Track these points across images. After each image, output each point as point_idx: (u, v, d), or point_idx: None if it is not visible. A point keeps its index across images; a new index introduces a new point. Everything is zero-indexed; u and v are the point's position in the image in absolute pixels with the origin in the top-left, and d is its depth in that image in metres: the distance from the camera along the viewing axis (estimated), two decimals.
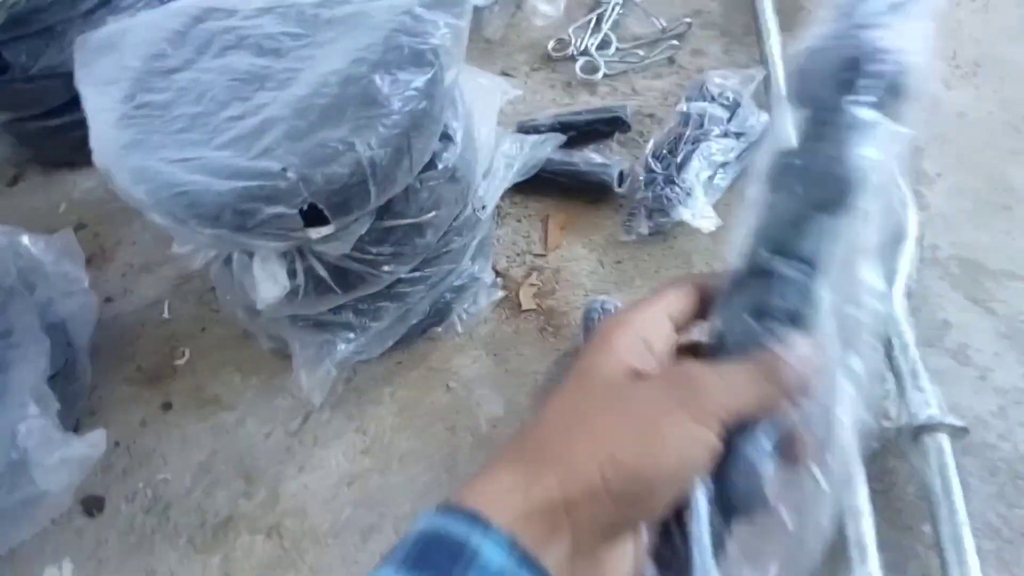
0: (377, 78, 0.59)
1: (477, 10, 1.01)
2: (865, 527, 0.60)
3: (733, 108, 0.85)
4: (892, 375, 0.66)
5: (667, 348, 0.33)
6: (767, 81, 0.87)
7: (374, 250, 0.65)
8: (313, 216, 0.59)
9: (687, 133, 0.84)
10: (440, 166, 0.67)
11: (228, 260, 0.68)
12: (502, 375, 0.77)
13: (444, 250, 0.73)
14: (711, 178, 0.82)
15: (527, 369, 0.77)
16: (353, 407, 0.78)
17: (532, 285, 0.82)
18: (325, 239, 0.61)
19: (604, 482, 0.29)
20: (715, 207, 0.81)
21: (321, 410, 0.78)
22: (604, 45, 0.99)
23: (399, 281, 0.71)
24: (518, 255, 0.85)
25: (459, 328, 0.80)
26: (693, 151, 0.82)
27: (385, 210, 0.64)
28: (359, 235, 0.63)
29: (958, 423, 0.62)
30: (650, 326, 0.33)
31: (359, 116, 0.59)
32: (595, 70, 0.97)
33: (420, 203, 0.66)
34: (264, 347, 0.80)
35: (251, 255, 0.64)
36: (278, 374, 0.80)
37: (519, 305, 0.81)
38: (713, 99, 0.86)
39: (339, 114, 0.59)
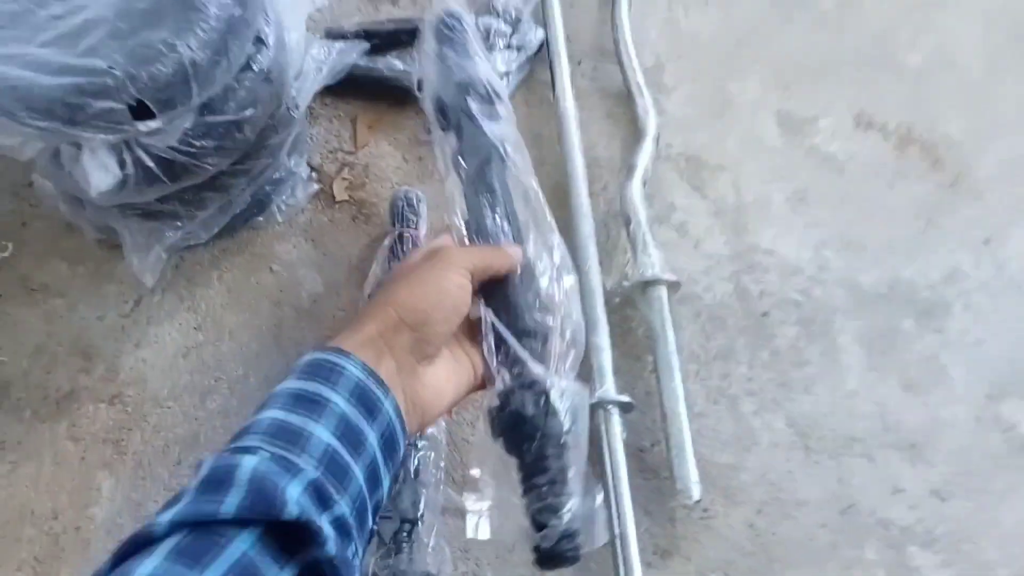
0: None
1: None
2: (605, 359, 0.80)
3: (515, 23, 0.99)
4: (629, 246, 0.85)
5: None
6: (543, 1, 1.01)
7: (198, 144, 0.73)
8: (141, 111, 0.67)
9: None
10: (255, 68, 0.75)
11: (56, 153, 0.73)
12: (320, 258, 0.88)
13: (262, 145, 0.82)
14: None
15: (342, 253, 0.89)
16: (183, 289, 0.86)
17: (344, 179, 0.93)
18: (153, 132, 0.69)
19: (399, 317, 0.47)
20: None
21: (152, 293, 0.85)
22: None
23: (222, 174, 0.79)
24: (331, 152, 0.95)
25: (279, 218, 0.90)
26: None
27: (207, 107, 0.72)
28: (183, 129, 0.71)
29: (674, 279, 0.83)
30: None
31: (179, 20, 0.66)
32: None
33: (238, 101, 0.74)
34: (90, 238, 0.86)
35: (79, 147, 0.70)
36: (106, 262, 0.86)
37: (333, 197, 0.92)
38: (499, 15, 0.99)
39: (160, 18, 0.66)
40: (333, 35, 0.98)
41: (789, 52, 1.02)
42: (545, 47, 0.99)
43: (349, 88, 0.95)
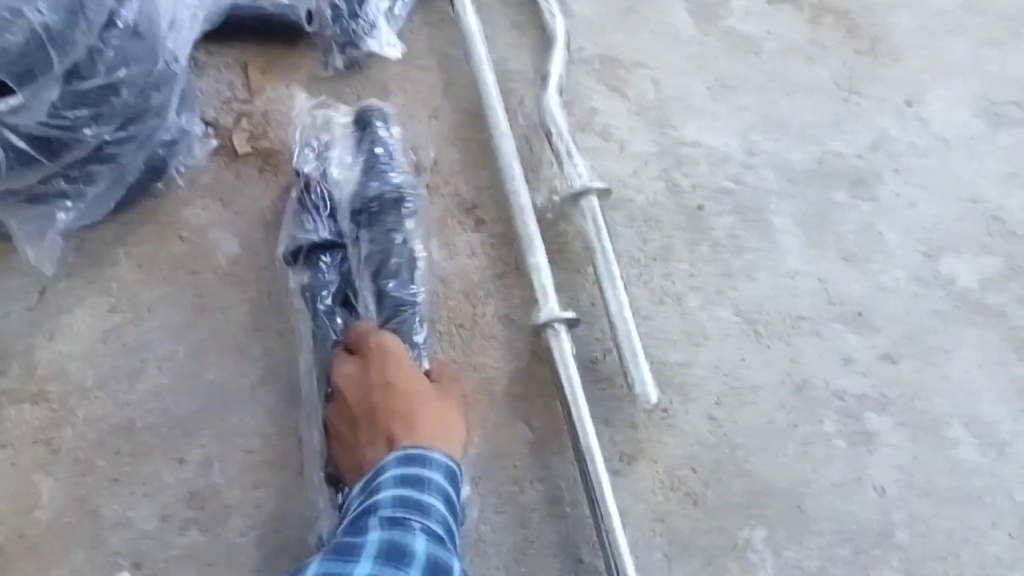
0: None
1: None
2: (545, 277, 0.77)
3: None
4: (554, 159, 0.82)
5: None
6: None
7: (71, 115, 0.67)
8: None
9: None
10: (120, 23, 0.68)
11: None
12: (232, 216, 0.83)
13: (145, 107, 0.75)
14: (391, 9, 0.90)
15: (255, 207, 0.84)
16: (90, 272, 0.81)
17: (244, 130, 0.87)
18: (15, 110, 0.62)
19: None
20: (399, 35, 0.90)
21: (57, 281, 0.79)
22: None
23: (105, 143, 0.73)
24: (224, 103, 0.89)
25: (180, 182, 0.84)
26: None
27: (72, 74, 0.65)
28: (51, 102, 0.64)
29: (603, 186, 0.80)
30: None
31: None
32: None
33: (107, 63, 0.68)
34: None
35: None
36: (0, 256, 0.80)
37: (235, 151, 0.86)
38: None
39: None
40: None
41: None
42: None
43: (233, 31, 0.88)
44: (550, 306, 0.76)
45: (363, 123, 0.79)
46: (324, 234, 0.74)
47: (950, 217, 0.84)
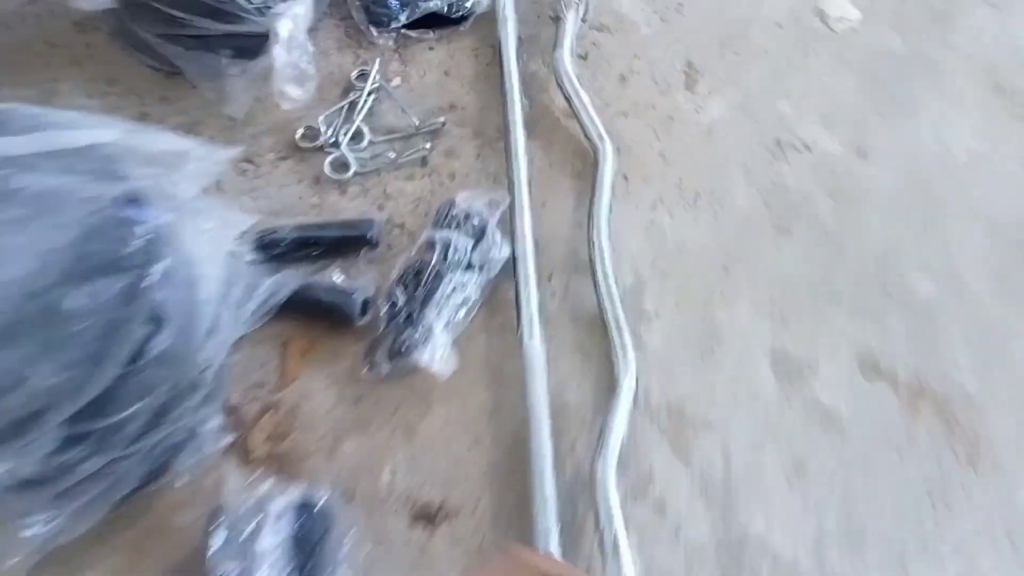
0: (64, 293, 0.52)
1: (219, 82, 0.92)
2: None
3: (478, 236, 0.86)
4: (598, 542, 0.72)
5: None
6: (512, 209, 0.88)
7: (63, 457, 0.59)
8: None
9: (432, 262, 0.83)
10: (150, 354, 0.60)
11: None
12: None
13: (160, 421, 0.67)
14: (452, 317, 0.82)
15: None
16: (61, 573, 0.71)
17: (264, 428, 0.79)
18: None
19: None
20: (455, 342, 0.82)
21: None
22: (356, 137, 0.94)
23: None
24: (251, 389, 0.80)
25: (178, 483, 0.75)
26: (436, 287, 0.82)
27: (78, 417, 0.58)
28: (44, 453, 0.56)
29: None
30: None
31: (38, 338, 0.51)
32: (345, 167, 0.92)
33: (122, 399, 0.60)
34: None
35: None
36: None
37: (247, 452, 0.77)
38: (459, 225, 0.86)
39: (13, 336, 0.51)
40: (265, 242, 0.84)
41: (785, 272, 0.91)
42: (512, 265, 0.86)
43: (280, 308, 0.81)
44: None
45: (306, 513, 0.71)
46: None
47: None
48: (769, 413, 0.83)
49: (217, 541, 0.67)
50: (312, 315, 0.83)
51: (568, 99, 0.94)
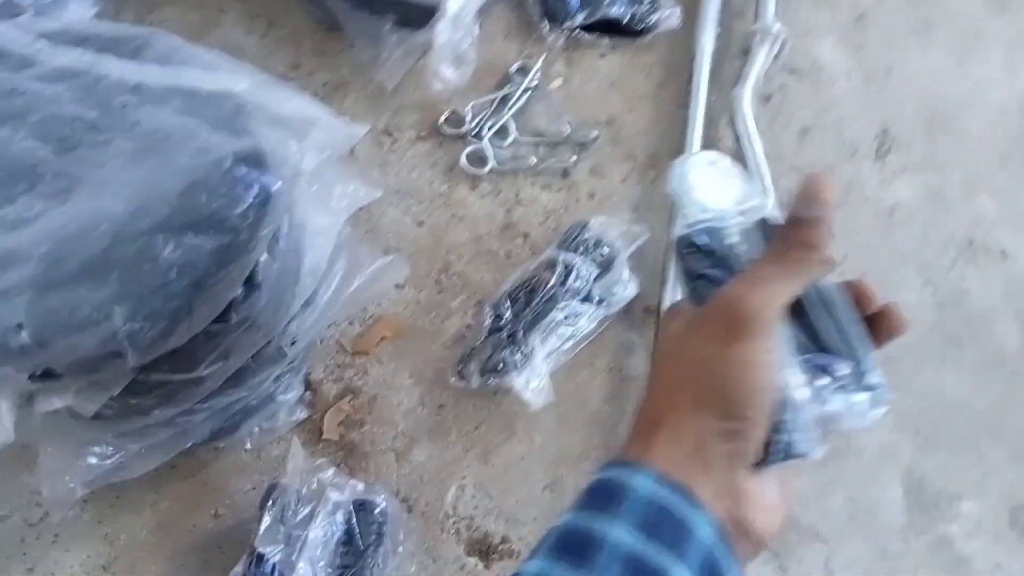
0: (160, 241, 0.49)
1: (377, 47, 0.89)
2: None
3: (605, 266, 0.79)
4: None
5: None
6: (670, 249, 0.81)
7: (134, 400, 0.57)
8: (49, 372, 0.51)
9: (551, 282, 0.77)
10: (235, 318, 0.57)
11: None
12: None
13: (234, 386, 0.64)
14: (557, 346, 0.76)
15: None
16: (107, 507, 0.70)
17: (342, 410, 0.75)
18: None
19: (709, 434, 0.35)
20: (554, 374, 0.76)
21: (68, 505, 0.69)
22: (502, 133, 0.89)
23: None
24: (337, 368, 0.77)
25: (247, 444, 0.73)
26: (548, 311, 0.75)
27: (151, 366, 0.55)
28: (111, 393, 0.54)
29: None
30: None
31: (126, 281, 0.49)
32: (483, 162, 0.87)
33: (200, 357, 0.57)
34: None
35: None
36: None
37: (321, 431, 0.74)
38: (587, 250, 0.79)
39: (103, 272, 0.49)
40: None
41: (944, 388, 0.78)
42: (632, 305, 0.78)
43: None
44: None
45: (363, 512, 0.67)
46: None
47: None
48: (888, 542, 0.71)
49: (267, 520, 0.64)
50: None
51: (739, 140, 0.85)
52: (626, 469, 0.35)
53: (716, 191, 0.43)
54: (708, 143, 0.87)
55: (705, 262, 0.42)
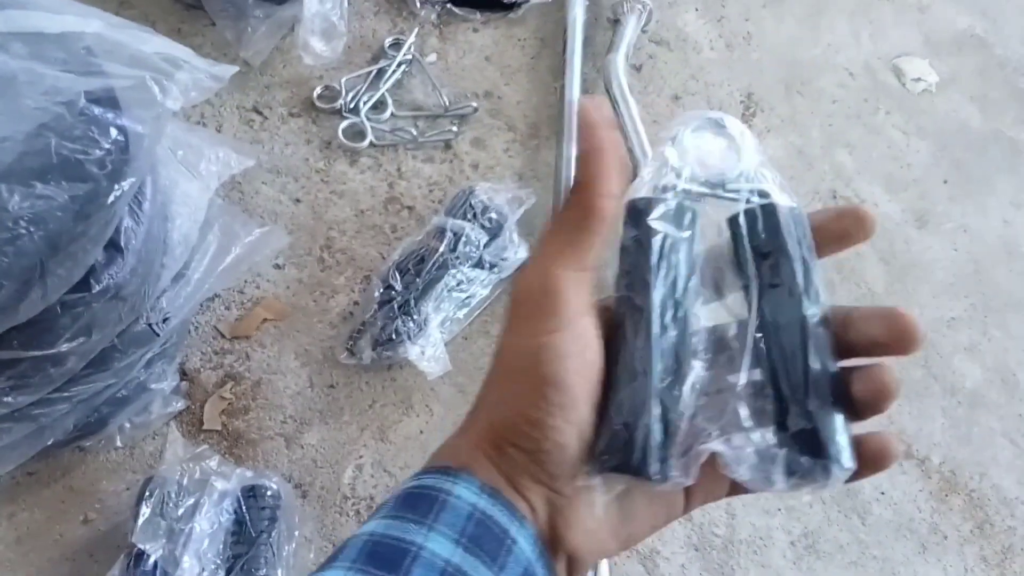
0: (3, 190, 0.44)
1: (241, 23, 0.85)
2: None
3: (494, 232, 0.78)
4: None
5: None
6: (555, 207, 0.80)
7: None
8: None
9: (440, 249, 0.75)
10: (97, 286, 0.52)
11: None
12: None
13: (97, 371, 0.58)
14: (451, 313, 0.74)
15: None
16: None
17: (224, 398, 0.70)
18: None
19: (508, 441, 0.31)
20: (449, 343, 0.74)
21: None
22: (379, 106, 0.87)
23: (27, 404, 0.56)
24: (215, 354, 0.72)
25: (119, 441, 0.66)
26: (439, 278, 0.73)
27: (3, 339, 0.49)
28: None
29: None
30: None
31: None
32: (361, 136, 0.85)
33: (58, 331, 0.51)
34: None
35: None
36: None
37: (201, 422, 0.69)
38: (475, 217, 0.78)
39: None
40: None
41: None
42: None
43: None
44: None
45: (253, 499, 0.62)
46: None
47: None
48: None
49: (145, 513, 0.58)
50: None
51: (615, 106, 0.86)
52: (447, 477, 0.31)
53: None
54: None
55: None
